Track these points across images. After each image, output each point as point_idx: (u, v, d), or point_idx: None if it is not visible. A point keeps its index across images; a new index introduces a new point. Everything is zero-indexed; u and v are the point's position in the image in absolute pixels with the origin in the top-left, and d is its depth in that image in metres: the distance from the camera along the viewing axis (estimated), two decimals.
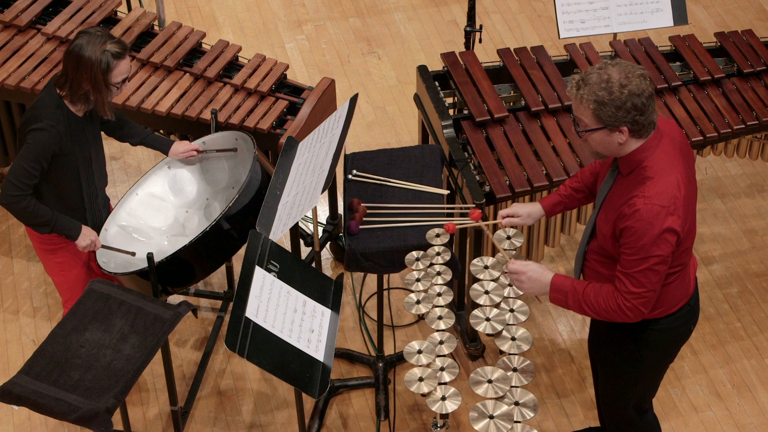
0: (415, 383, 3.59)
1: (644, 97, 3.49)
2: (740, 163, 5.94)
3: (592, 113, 3.52)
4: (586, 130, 3.58)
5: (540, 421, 4.84)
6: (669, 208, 3.51)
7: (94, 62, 4.17)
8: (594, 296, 3.65)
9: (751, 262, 5.49)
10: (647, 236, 3.51)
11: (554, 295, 3.73)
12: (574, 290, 3.69)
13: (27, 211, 4.30)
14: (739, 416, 4.86)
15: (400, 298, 5.32)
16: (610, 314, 3.64)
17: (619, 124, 3.51)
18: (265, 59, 5.27)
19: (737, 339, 5.15)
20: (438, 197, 4.50)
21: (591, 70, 3.54)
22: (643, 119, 3.52)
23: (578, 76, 3.56)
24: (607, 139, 3.57)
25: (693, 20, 6.77)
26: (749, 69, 5.16)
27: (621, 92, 3.47)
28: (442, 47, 6.55)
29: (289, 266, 3.95)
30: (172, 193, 4.80)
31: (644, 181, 3.56)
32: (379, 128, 6.21)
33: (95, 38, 4.19)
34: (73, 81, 4.22)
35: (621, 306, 3.61)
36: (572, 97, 3.57)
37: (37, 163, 4.24)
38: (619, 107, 3.48)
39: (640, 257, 3.54)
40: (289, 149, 4.56)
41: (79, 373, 3.92)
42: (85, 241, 4.41)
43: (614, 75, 3.49)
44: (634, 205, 3.53)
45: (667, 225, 3.51)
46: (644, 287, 3.58)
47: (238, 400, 4.94)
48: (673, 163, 3.59)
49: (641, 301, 3.60)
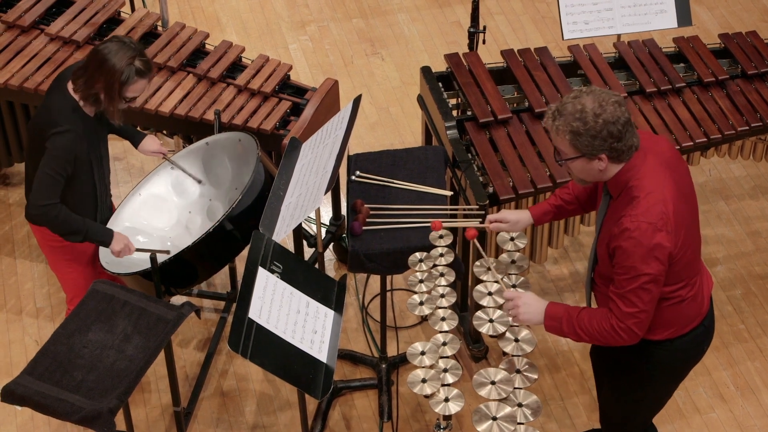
0: (418, 384, 3.59)
1: (620, 124, 3.46)
2: (744, 164, 5.94)
3: (569, 143, 3.50)
4: (565, 159, 3.57)
5: (543, 423, 4.84)
6: (656, 224, 3.47)
7: (117, 71, 4.16)
8: (588, 320, 3.61)
9: (755, 264, 5.48)
10: (636, 254, 3.48)
11: (549, 322, 3.68)
12: (568, 315, 3.65)
13: (58, 221, 4.26)
14: (742, 418, 4.85)
15: (403, 299, 5.31)
16: (604, 337, 3.60)
17: (596, 152, 3.49)
18: (268, 60, 5.27)
19: (741, 341, 5.15)
20: (441, 198, 4.49)
21: (566, 99, 3.52)
22: (620, 145, 3.49)
23: (554, 107, 3.54)
24: (587, 166, 3.55)
25: (697, 21, 6.76)
26: (753, 70, 5.15)
27: (596, 121, 3.44)
28: (446, 48, 6.54)
29: (292, 267, 3.95)
30: (175, 194, 4.80)
31: (631, 201, 3.53)
32: (383, 129, 6.21)
33: (127, 49, 4.19)
34: (89, 79, 4.21)
35: (615, 327, 3.57)
36: (549, 128, 3.56)
37: (63, 170, 4.22)
38: (595, 136, 3.46)
39: (630, 276, 3.51)
40: (292, 150, 4.55)
41: (82, 373, 3.93)
42: (119, 245, 4.38)
43: (588, 104, 3.46)
44: (622, 224, 3.50)
45: (656, 242, 3.47)
46: (636, 307, 3.53)
47: (241, 401, 4.94)
48: (659, 180, 3.55)
49: (634, 322, 3.55)
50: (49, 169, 4.21)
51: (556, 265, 5.47)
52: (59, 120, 4.22)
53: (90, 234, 4.34)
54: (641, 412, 4.09)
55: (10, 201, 5.76)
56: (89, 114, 4.31)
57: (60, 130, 4.20)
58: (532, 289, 4.77)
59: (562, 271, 5.44)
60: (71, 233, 4.32)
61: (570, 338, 3.68)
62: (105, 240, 4.37)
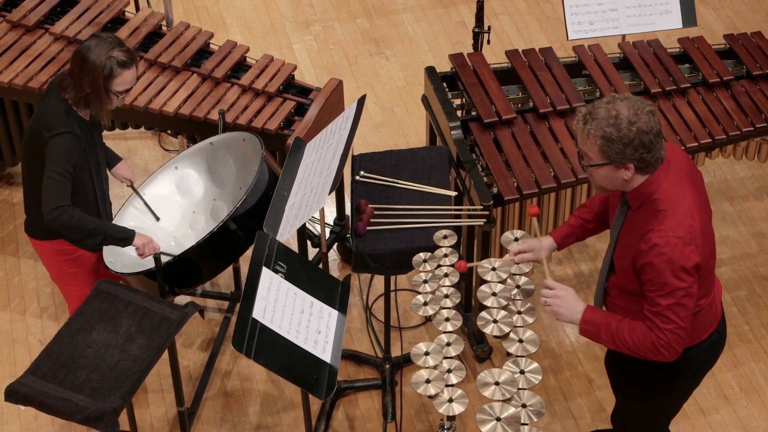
0: (422, 385, 3.59)
1: (652, 134, 3.41)
2: (749, 165, 5.93)
3: (599, 149, 3.44)
4: (590, 165, 3.51)
5: (547, 424, 4.83)
6: (686, 239, 3.44)
7: (98, 66, 4.11)
8: (629, 333, 3.56)
9: (760, 265, 5.48)
10: (668, 270, 3.43)
11: (585, 326, 3.64)
12: (607, 324, 3.60)
13: (73, 224, 4.17)
14: (747, 419, 4.84)
15: (408, 299, 5.31)
16: (644, 352, 3.55)
17: (625, 161, 3.43)
18: (272, 60, 5.27)
19: (745, 342, 5.14)
20: (446, 199, 4.49)
21: (599, 104, 3.46)
22: (650, 156, 3.44)
23: (585, 110, 3.47)
24: (613, 174, 3.49)
25: (702, 22, 6.75)
26: (758, 71, 5.14)
27: (630, 129, 3.38)
28: (450, 48, 6.54)
29: (296, 267, 3.95)
30: (179, 194, 4.80)
31: (657, 214, 3.48)
32: (387, 129, 6.20)
33: (104, 42, 4.15)
34: (76, 82, 4.18)
35: (655, 344, 3.52)
36: (578, 131, 3.48)
37: (66, 171, 4.15)
38: (627, 144, 3.40)
39: (664, 292, 3.46)
40: (296, 150, 4.55)
41: (85, 373, 3.93)
42: (142, 240, 4.29)
43: (623, 111, 3.40)
44: (650, 240, 3.45)
45: (687, 256, 3.43)
46: (674, 323, 3.49)
47: (244, 401, 4.93)
48: (682, 192, 3.52)
49: (674, 338, 3.50)
50: (53, 172, 4.15)
51: (560, 265, 5.47)
52: (55, 124, 4.17)
53: (110, 233, 4.25)
54: (659, 420, 4.07)
55: (14, 201, 5.76)
56: (84, 117, 4.27)
57: (57, 132, 4.15)
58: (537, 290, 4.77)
59: (566, 272, 5.44)
60: (89, 236, 4.23)
61: (605, 345, 3.64)
62: (128, 236, 4.28)
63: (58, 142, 4.15)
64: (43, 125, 4.20)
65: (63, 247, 4.39)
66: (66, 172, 4.17)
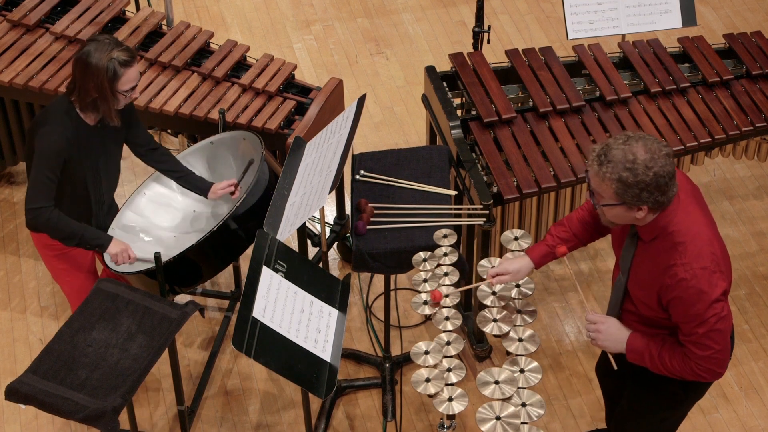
0: (422, 384, 3.59)
1: (668, 177, 3.35)
2: (749, 165, 5.93)
3: (614, 192, 3.38)
4: (603, 205, 3.45)
5: (547, 423, 4.84)
6: (711, 268, 3.42)
7: (101, 69, 4.13)
8: (669, 360, 3.56)
9: (759, 265, 5.48)
10: (700, 302, 3.42)
11: (631, 356, 3.66)
12: (650, 353, 3.60)
13: (50, 224, 4.24)
14: (746, 418, 4.85)
15: (408, 298, 5.31)
16: (686, 376, 3.57)
17: (640, 203, 3.39)
18: (273, 59, 5.27)
19: (745, 341, 5.14)
20: (446, 198, 4.50)
21: (614, 144, 3.37)
22: (664, 198, 3.39)
23: (599, 149, 3.39)
24: (625, 214, 3.44)
25: (702, 21, 6.75)
26: (758, 71, 5.15)
27: (646, 174, 3.32)
28: (450, 48, 6.54)
29: (297, 266, 3.95)
30: (180, 193, 4.80)
31: (677, 247, 3.45)
32: (387, 129, 6.21)
33: (102, 45, 4.15)
34: (80, 88, 4.20)
35: (695, 371, 3.52)
36: (592, 172, 3.41)
37: (51, 171, 4.19)
38: (643, 189, 3.34)
39: (698, 323, 3.44)
40: (296, 149, 4.56)
41: (86, 372, 3.93)
42: (116, 248, 4.36)
43: (640, 154, 3.32)
44: (677, 275, 3.42)
45: (714, 284, 3.42)
46: (712, 348, 3.47)
47: (244, 400, 4.94)
48: (697, 220, 3.49)
49: (714, 362, 3.50)
50: (38, 171, 4.19)
51: (560, 264, 5.47)
52: (48, 118, 4.20)
53: (86, 237, 4.32)
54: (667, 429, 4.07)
55: (14, 200, 5.77)
56: (88, 122, 4.28)
57: (46, 129, 4.17)
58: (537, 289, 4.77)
59: (565, 271, 5.44)
60: (66, 237, 4.31)
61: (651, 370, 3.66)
62: (102, 243, 4.35)
63: (45, 141, 4.18)
64: (39, 120, 4.24)
65: (49, 242, 4.40)
66: (52, 172, 4.20)
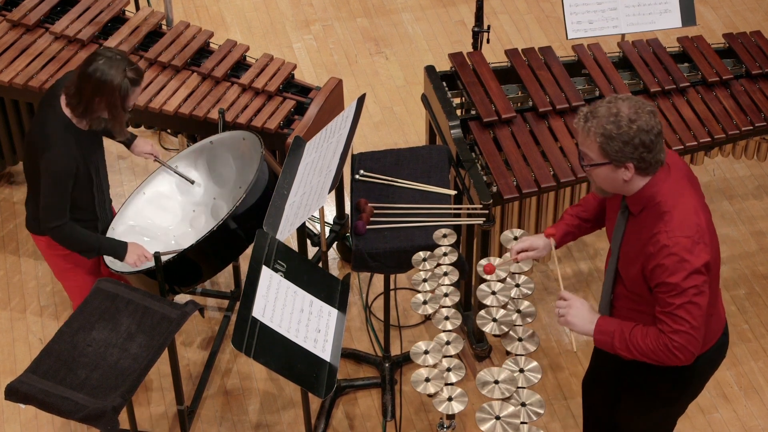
0: (421, 384, 3.59)
1: (653, 134, 3.40)
2: (748, 164, 5.93)
3: (599, 147, 3.43)
4: (590, 165, 3.49)
5: (546, 423, 4.84)
6: (694, 238, 3.43)
7: (116, 87, 4.11)
8: (642, 338, 3.52)
9: (759, 264, 5.48)
10: (680, 270, 3.41)
11: (599, 336, 3.60)
12: (621, 331, 3.56)
13: (71, 239, 4.30)
14: (746, 418, 4.85)
15: (407, 298, 5.31)
16: (659, 356, 3.51)
17: (625, 159, 3.42)
18: (272, 59, 5.27)
19: (744, 341, 5.14)
20: (445, 198, 4.50)
21: (600, 103, 3.46)
22: (650, 157, 3.42)
23: (586, 109, 3.47)
24: (612, 175, 3.48)
25: (701, 21, 6.75)
26: (757, 70, 5.15)
27: (629, 127, 3.38)
28: (450, 48, 6.54)
29: (296, 266, 3.95)
30: (180, 192, 4.80)
31: (662, 216, 3.46)
32: (387, 128, 6.21)
33: (117, 62, 4.12)
34: (88, 104, 4.16)
35: (669, 347, 3.48)
36: (579, 129, 3.48)
37: (64, 190, 4.21)
38: (627, 142, 3.39)
39: (676, 293, 3.43)
40: (296, 149, 4.56)
41: (85, 371, 3.93)
42: (132, 257, 4.39)
43: (624, 109, 3.40)
44: (659, 241, 3.43)
45: (697, 254, 3.42)
46: (688, 323, 3.45)
47: (244, 399, 4.94)
48: (684, 192, 3.51)
49: (688, 339, 3.46)
50: (52, 193, 4.21)
51: (560, 264, 5.45)
52: (51, 139, 4.18)
53: (103, 249, 4.37)
54: (665, 427, 4.06)
55: (14, 200, 5.77)
56: (82, 128, 4.27)
57: (53, 153, 4.16)
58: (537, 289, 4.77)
59: (565, 270, 5.45)
60: (85, 250, 4.35)
61: (621, 354, 3.60)
62: (119, 253, 4.38)
63: (55, 166, 4.18)
64: (40, 137, 4.21)
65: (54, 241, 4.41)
66: (64, 190, 4.22)
